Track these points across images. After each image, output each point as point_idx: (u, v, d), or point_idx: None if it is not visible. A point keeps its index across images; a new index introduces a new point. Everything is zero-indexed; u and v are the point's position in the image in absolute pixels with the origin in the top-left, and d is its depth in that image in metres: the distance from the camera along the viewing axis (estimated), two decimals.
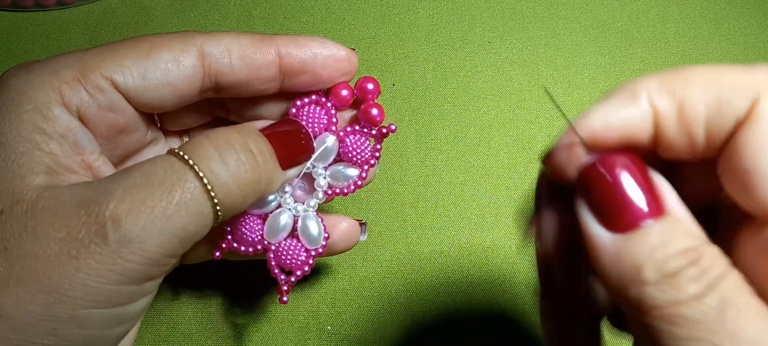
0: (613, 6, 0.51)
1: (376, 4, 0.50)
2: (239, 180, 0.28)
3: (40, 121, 0.27)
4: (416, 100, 0.46)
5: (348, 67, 0.32)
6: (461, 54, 0.48)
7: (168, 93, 0.29)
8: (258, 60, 0.30)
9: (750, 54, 0.50)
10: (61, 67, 0.28)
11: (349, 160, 0.33)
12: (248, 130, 0.30)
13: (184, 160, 0.27)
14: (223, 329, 0.39)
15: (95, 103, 0.28)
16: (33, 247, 0.25)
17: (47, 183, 0.26)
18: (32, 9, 0.48)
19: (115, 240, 0.25)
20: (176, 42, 0.30)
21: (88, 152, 0.28)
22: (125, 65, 0.28)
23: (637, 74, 0.48)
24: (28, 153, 0.26)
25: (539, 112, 0.46)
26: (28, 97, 0.27)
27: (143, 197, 0.26)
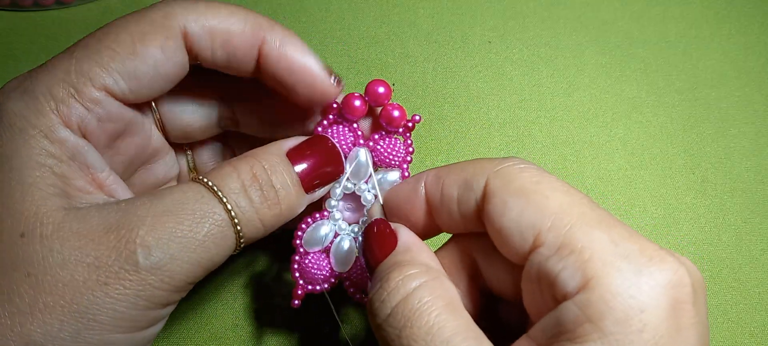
0: (614, 6, 0.51)
1: (376, 4, 0.49)
2: (262, 216, 0.29)
3: (47, 145, 0.26)
4: (416, 100, 0.46)
5: (320, 98, 0.31)
6: (461, 54, 0.48)
7: (162, 83, 0.29)
8: (239, 54, 0.30)
9: (750, 54, 0.50)
10: (52, 85, 0.27)
11: (387, 165, 0.33)
12: (274, 161, 0.30)
13: (213, 191, 0.28)
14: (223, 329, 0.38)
15: (94, 117, 0.28)
16: (60, 272, 0.25)
17: (68, 206, 0.26)
18: (31, 9, 0.48)
19: (145, 267, 0.25)
20: (158, 27, 0.28)
21: (98, 171, 0.28)
22: (114, 69, 0.27)
23: (638, 74, 0.48)
24: (43, 177, 0.26)
25: (539, 112, 0.46)
26: (30, 122, 0.26)
27: (173, 225, 0.26)
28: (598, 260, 0.23)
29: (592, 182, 0.44)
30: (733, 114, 0.47)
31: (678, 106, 0.47)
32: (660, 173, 0.45)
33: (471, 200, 0.28)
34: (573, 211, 0.25)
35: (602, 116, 0.46)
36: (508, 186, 0.26)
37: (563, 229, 0.24)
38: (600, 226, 0.24)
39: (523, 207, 0.25)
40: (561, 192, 0.25)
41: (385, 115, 0.33)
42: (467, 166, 0.28)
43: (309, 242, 0.33)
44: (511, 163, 0.27)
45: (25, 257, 0.25)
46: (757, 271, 0.42)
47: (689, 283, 0.23)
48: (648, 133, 0.46)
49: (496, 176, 0.27)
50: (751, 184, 0.45)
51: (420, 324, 0.25)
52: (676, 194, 0.44)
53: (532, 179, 0.26)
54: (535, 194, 0.25)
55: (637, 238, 0.24)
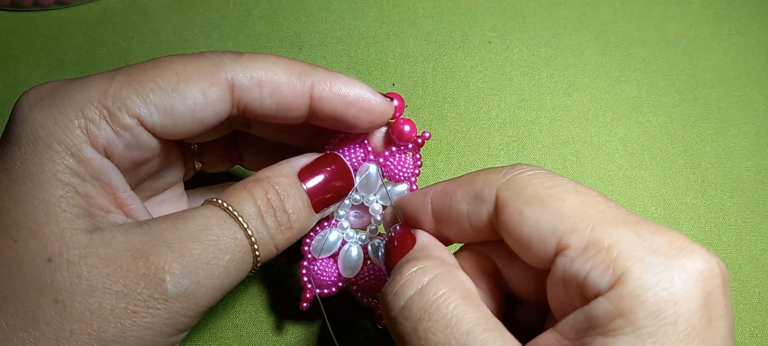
0: (614, 6, 0.51)
1: (376, 4, 0.49)
2: (276, 240, 0.30)
3: (73, 163, 0.26)
4: (416, 100, 0.46)
5: (380, 119, 0.32)
6: (461, 54, 0.48)
7: (194, 127, 0.29)
8: (289, 99, 0.29)
9: (750, 54, 0.50)
10: (85, 103, 0.27)
11: (395, 180, 0.33)
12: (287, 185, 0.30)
13: (234, 216, 0.28)
14: (223, 329, 0.38)
15: (122, 142, 0.27)
16: (88, 300, 0.25)
17: (92, 227, 0.26)
18: (31, 8, 0.48)
19: (174, 296, 0.26)
20: (205, 72, 0.28)
21: (120, 190, 0.28)
22: (151, 101, 0.27)
23: (638, 74, 0.48)
24: (66, 197, 0.26)
25: (539, 112, 0.46)
26: (56, 137, 0.26)
27: (199, 253, 0.26)
28: (627, 256, 0.23)
29: (592, 182, 0.44)
30: (733, 114, 0.47)
31: (678, 106, 0.47)
32: (660, 173, 0.45)
33: (482, 213, 0.27)
34: (592, 211, 0.24)
35: (602, 116, 0.46)
36: (521, 194, 0.26)
37: (586, 229, 0.24)
38: (623, 223, 0.24)
39: (539, 214, 0.25)
40: (575, 193, 0.25)
41: (396, 129, 0.33)
42: (474, 179, 0.28)
43: (317, 249, 0.33)
44: (520, 171, 0.27)
45: (52, 282, 0.25)
46: (757, 271, 0.42)
47: (720, 272, 0.23)
48: (648, 134, 0.46)
49: (507, 186, 0.26)
50: (751, 184, 0.45)
51: (438, 317, 0.24)
52: (676, 194, 0.44)
53: (544, 183, 0.26)
54: (549, 198, 0.25)
55: (665, 230, 0.24)
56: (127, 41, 0.47)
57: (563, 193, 0.25)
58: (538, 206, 0.25)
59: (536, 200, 0.25)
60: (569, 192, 0.25)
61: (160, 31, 0.48)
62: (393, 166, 0.33)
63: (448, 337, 0.24)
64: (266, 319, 0.39)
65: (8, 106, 0.44)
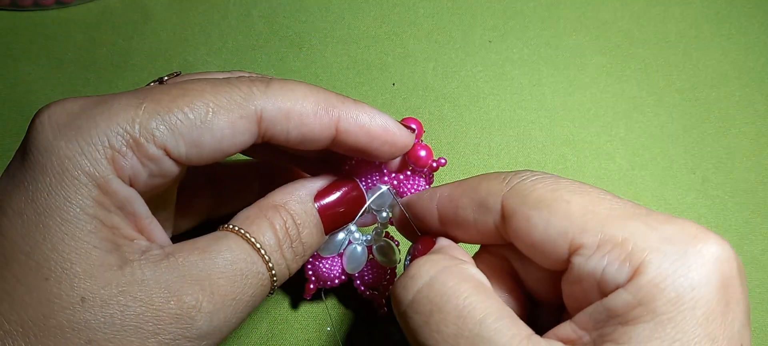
0: (615, 5, 0.51)
1: (376, 4, 0.49)
2: (291, 268, 0.30)
3: (99, 196, 0.26)
4: (416, 100, 0.46)
5: (401, 151, 0.32)
6: (461, 54, 0.48)
7: (219, 155, 0.28)
8: (315, 132, 0.29)
9: (751, 53, 0.50)
10: (112, 132, 0.26)
11: None
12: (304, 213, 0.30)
13: (256, 248, 0.28)
14: None
15: (146, 172, 0.27)
16: (121, 341, 0.25)
17: (121, 261, 0.26)
18: (31, 9, 0.48)
19: (203, 334, 0.26)
20: (235, 105, 0.28)
21: (143, 218, 0.28)
22: (178, 133, 0.27)
23: (639, 74, 0.48)
24: (95, 232, 0.25)
25: (539, 112, 0.46)
26: (84, 170, 0.25)
27: (227, 290, 0.27)
28: (643, 248, 0.23)
29: (593, 182, 0.44)
30: (734, 114, 0.47)
31: (678, 106, 0.47)
32: (660, 172, 0.45)
33: (489, 221, 0.28)
34: (599, 209, 0.24)
35: (603, 116, 0.46)
36: (526, 201, 0.26)
37: (598, 227, 0.24)
38: (633, 216, 0.24)
39: (548, 218, 0.25)
40: (580, 193, 0.25)
41: (413, 154, 0.33)
42: (478, 187, 0.28)
43: (325, 249, 0.34)
44: (522, 178, 0.27)
45: (86, 323, 0.24)
46: (757, 271, 0.41)
47: (735, 258, 0.24)
48: (648, 133, 0.46)
49: (511, 195, 0.27)
50: (752, 184, 0.44)
51: (449, 308, 0.25)
52: (676, 194, 0.44)
53: (547, 187, 0.26)
54: (555, 202, 0.25)
55: (675, 219, 0.24)
56: (127, 41, 0.47)
57: (568, 194, 0.25)
58: (545, 210, 0.25)
59: (543, 205, 0.25)
60: (574, 193, 0.25)
61: (160, 31, 0.48)
62: (407, 189, 0.34)
63: (460, 328, 0.24)
64: (267, 319, 0.39)
65: (8, 106, 0.44)
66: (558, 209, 0.25)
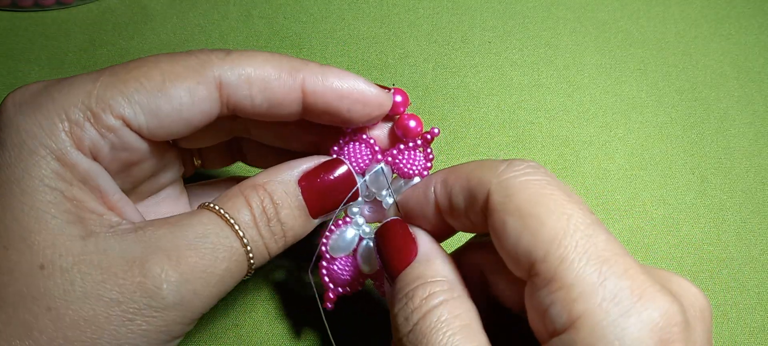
0: (614, 6, 0.51)
1: (376, 4, 0.49)
2: (269, 248, 0.29)
3: (58, 167, 0.26)
4: (416, 100, 0.46)
5: (377, 111, 0.31)
6: (461, 54, 0.48)
7: (182, 127, 0.28)
8: (280, 95, 0.29)
9: (750, 54, 0.50)
10: (68, 106, 0.26)
11: (409, 176, 0.33)
12: (283, 193, 0.29)
13: (230, 224, 0.28)
14: (223, 329, 0.38)
15: (107, 144, 0.27)
16: (82, 307, 0.24)
17: (85, 232, 0.26)
18: (31, 9, 0.48)
19: (170, 304, 0.26)
20: (192, 71, 0.27)
21: (110, 194, 0.28)
22: (136, 101, 0.27)
23: (638, 74, 0.48)
24: (56, 203, 0.25)
25: (539, 112, 0.46)
26: (41, 142, 0.26)
27: (196, 261, 0.26)
28: (586, 300, 0.22)
29: (592, 182, 0.44)
30: (733, 114, 0.47)
31: (678, 106, 0.47)
32: (660, 173, 0.45)
33: (477, 211, 0.27)
34: (567, 241, 0.23)
35: (602, 116, 0.46)
36: (507, 203, 0.25)
37: (555, 262, 0.23)
38: (594, 260, 0.23)
39: (519, 231, 0.24)
40: (558, 215, 0.24)
41: (401, 125, 0.32)
42: (472, 172, 0.27)
43: (335, 249, 0.33)
44: (513, 174, 0.26)
45: (45, 290, 0.24)
46: (756, 271, 0.42)
47: (680, 321, 0.23)
48: (648, 133, 0.46)
49: (498, 190, 0.26)
50: (751, 184, 0.45)
51: (433, 342, 0.25)
52: (675, 194, 0.44)
53: (532, 197, 0.25)
54: (531, 218, 0.24)
55: (633, 273, 0.23)
56: (127, 41, 0.47)
57: (546, 213, 0.24)
58: (520, 221, 0.25)
59: (519, 215, 0.25)
60: (552, 213, 0.24)
61: (160, 31, 0.48)
62: (403, 164, 0.32)
63: None
64: (267, 319, 0.39)
65: None
66: (530, 226, 0.24)
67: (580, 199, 0.26)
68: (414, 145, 0.32)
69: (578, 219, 0.24)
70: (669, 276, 0.25)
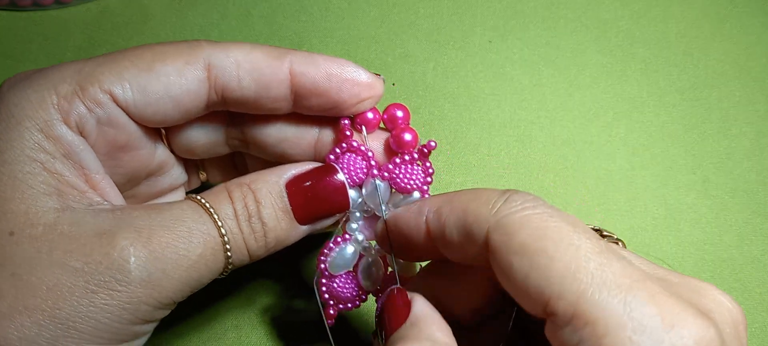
0: (615, 5, 0.51)
1: (376, 4, 0.49)
2: (249, 246, 0.29)
3: (42, 139, 0.26)
4: (416, 100, 0.46)
5: (367, 93, 0.30)
6: (461, 54, 0.48)
7: (170, 108, 0.28)
8: (268, 77, 0.29)
9: (751, 53, 0.49)
10: (58, 81, 0.27)
11: (408, 192, 0.32)
12: (266, 192, 0.29)
13: (209, 212, 0.27)
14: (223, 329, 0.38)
15: (93, 118, 0.27)
16: (46, 275, 0.24)
17: (61, 205, 0.26)
18: (30, 9, 0.48)
19: (136, 279, 0.25)
20: (181, 53, 0.28)
21: (92, 172, 0.27)
22: (125, 78, 0.27)
23: (639, 74, 0.48)
24: (34, 174, 0.25)
25: (539, 112, 0.46)
26: (28, 114, 0.26)
27: (168, 241, 0.26)
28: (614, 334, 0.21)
29: (593, 182, 0.44)
30: (735, 114, 0.47)
31: (679, 106, 0.47)
32: (661, 173, 0.44)
33: (475, 248, 0.26)
34: (581, 274, 0.22)
35: (603, 116, 0.46)
36: (510, 243, 0.24)
37: (573, 297, 0.22)
38: (615, 290, 0.22)
39: (527, 270, 0.23)
40: (566, 247, 0.23)
41: (396, 138, 0.32)
42: (467, 207, 0.26)
43: (334, 266, 0.32)
44: (511, 209, 0.25)
45: (11, 255, 0.24)
46: (758, 271, 0.41)
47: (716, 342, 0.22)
48: (649, 133, 0.46)
49: (497, 229, 0.24)
50: (753, 184, 0.44)
51: None
52: (677, 195, 0.44)
53: (535, 232, 0.23)
54: (538, 254, 0.23)
55: (659, 298, 0.22)
56: (126, 41, 0.47)
57: (554, 248, 0.23)
58: (527, 260, 0.23)
59: (525, 253, 0.23)
60: (559, 245, 0.23)
61: (159, 31, 0.48)
62: (400, 178, 0.31)
63: None
64: (267, 321, 0.39)
65: None
66: (539, 264, 0.23)
67: (586, 227, 0.25)
68: (411, 159, 0.32)
69: (588, 248, 0.23)
70: (699, 288, 0.24)
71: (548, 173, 0.44)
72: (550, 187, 0.44)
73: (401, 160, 0.31)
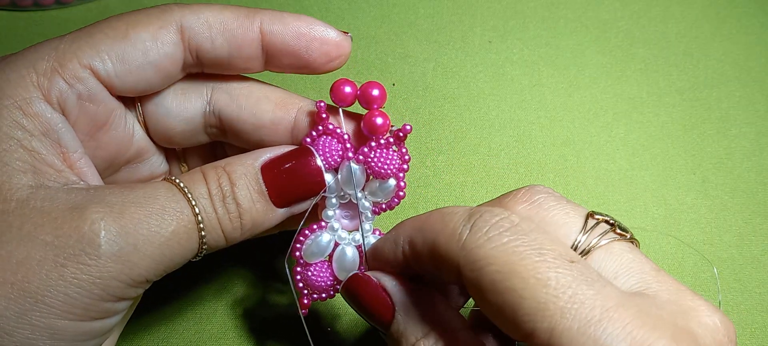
0: (615, 5, 0.51)
1: (376, 4, 0.49)
2: (224, 227, 0.29)
3: (20, 117, 0.26)
4: (416, 100, 0.46)
5: (336, 52, 0.31)
6: (461, 54, 0.48)
7: (151, 74, 0.29)
8: (239, 36, 0.30)
9: (751, 53, 0.50)
10: (37, 59, 0.27)
11: (383, 176, 0.31)
12: (240, 173, 0.29)
13: (183, 192, 0.27)
14: (222, 329, 0.38)
15: (74, 93, 0.27)
16: (16, 249, 0.24)
17: (36, 183, 0.26)
18: (31, 9, 0.48)
19: (107, 253, 0.25)
20: (154, 18, 0.29)
21: (70, 151, 0.28)
22: (103, 50, 0.28)
23: (639, 74, 0.48)
24: (10, 151, 0.26)
25: (539, 112, 0.46)
26: (6, 93, 0.26)
27: (141, 217, 0.26)
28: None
29: (593, 183, 0.44)
30: (734, 114, 0.47)
31: (679, 106, 0.47)
32: (661, 173, 0.44)
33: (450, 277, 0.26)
34: (550, 311, 0.22)
35: (603, 116, 0.46)
36: (480, 281, 0.23)
37: (545, 335, 0.22)
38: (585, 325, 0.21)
39: (499, 308, 0.23)
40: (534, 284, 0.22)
41: (367, 121, 0.31)
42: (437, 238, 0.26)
43: (309, 254, 0.32)
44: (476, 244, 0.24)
45: None
46: (758, 271, 0.41)
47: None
48: (649, 134, 0.46)
49: (466, 265, 0.24)
50: (752, 184, 0.44)
51: None
52: (676, 195, 0.44)
53: (502, 267, 0.23)
54: (508, 292, 0.23)
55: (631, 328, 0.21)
56: None
57: (522, 286, 0.22)
58: (499, 298, 0.23)
59: (495, 291, 0.23)
60: (528, 283, 0.22)
61: None
62: (375, 163, 0.31)
63: None
64: (266, 320, 0.39)
65: None
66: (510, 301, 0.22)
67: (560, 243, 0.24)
68: (386, 143, 0.31)
69: (557, 282, 0.22)
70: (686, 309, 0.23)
71: (548, 173, 0.44)
72: (550, 187, 0.44)
73: (377, 144, 0.31)
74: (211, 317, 0.38)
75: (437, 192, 0.43)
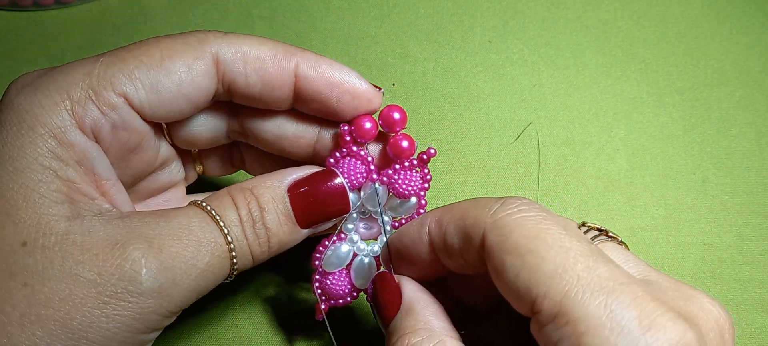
0: (615, 6, 0.51)
1: (376, 4, 0.49)
2: (253, 251, 0.29)
3: (55, 146, 0.26)
4: (416, 100, 0.46)
5: (366, 106, 0.31)
6: (461, 54, 0.48)
7: (183, 105, 0.28)
8: (274, 77, 0.29)
9: (751, 53, 0.50)
10: (70, 85, 0.26)
11: (406, 197, 0.32)
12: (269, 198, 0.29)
13: (216, 220, 0.28)
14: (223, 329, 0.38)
15: (108, 122, 0.27)
16: (58, 286, 0.24)
17: (72, 214, 0.26)
18: (31, 9, 0.48)
19: (148, 291, 0.25)
20: (190, 47, 0.28)
21: (104, 178, 0.28)
22: (137, 78, 0.27)
23: (639, 74, 0.48)
24: (47, 182, 0.25)
25: (539, 113, 0.46)
26: (41, 120, 0.26)
27: (178, 251, 0.26)
28: (593, 334, 0.22)
29: (593, 183, 0.44)
30: (734, 114, 0.47)
31: (678, 106, 0.47)
32: (661, 173, 0.45)
33: (473, 252, 0.27)
34: (568, 275, 0.23)
35: (603, 116, 0.46)
36: (504, 243, 0.25)
37: (558, 296, 0.23)
38: (598, 291, 0.22)
39: (519, 269, 0.24)
40: (557, 250, 0.24)
41: (394, 146, 0.32)
42: (466, 212, 0.27)
43: (329, 264, 0.33)
44: (507, 212, 0.25)
45: (24, 266, 0.24)
46: (758, 271, 0.41)
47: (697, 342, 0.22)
48: (648, 134, 0.46)
49: (493, 230, 0.25)
50: (752, 184, 0.44)
51: None
52: (676, 195, 0.44)
53: (529, 233, 0.24)
54: (529, 254, 0.24)
55: (641, 301, 0.22)
56: (127, 41, 0.47)
57: (545, 249, 0.24)
58: (518, 259, 0.24)
59: (517, 253, 0.24)
60: (551, 247, 0.24)
61: (159, 31, 0.48)
62: (399, 184, 0.32)
63: None
64: (266, 320, 0.39)
65: None
66: (529, 263, 0.24)
67: (579, 231, 0.25)
68: (410, 165, 0.32)
69: (577, 251, 0.24)
70: (688, 295, 0.24)
71: (548, 173, 0.44)
72: (550, 187, 0.44)
73: (401, 166, 0.32)
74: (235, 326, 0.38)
75: (437, 192, 0.43)
